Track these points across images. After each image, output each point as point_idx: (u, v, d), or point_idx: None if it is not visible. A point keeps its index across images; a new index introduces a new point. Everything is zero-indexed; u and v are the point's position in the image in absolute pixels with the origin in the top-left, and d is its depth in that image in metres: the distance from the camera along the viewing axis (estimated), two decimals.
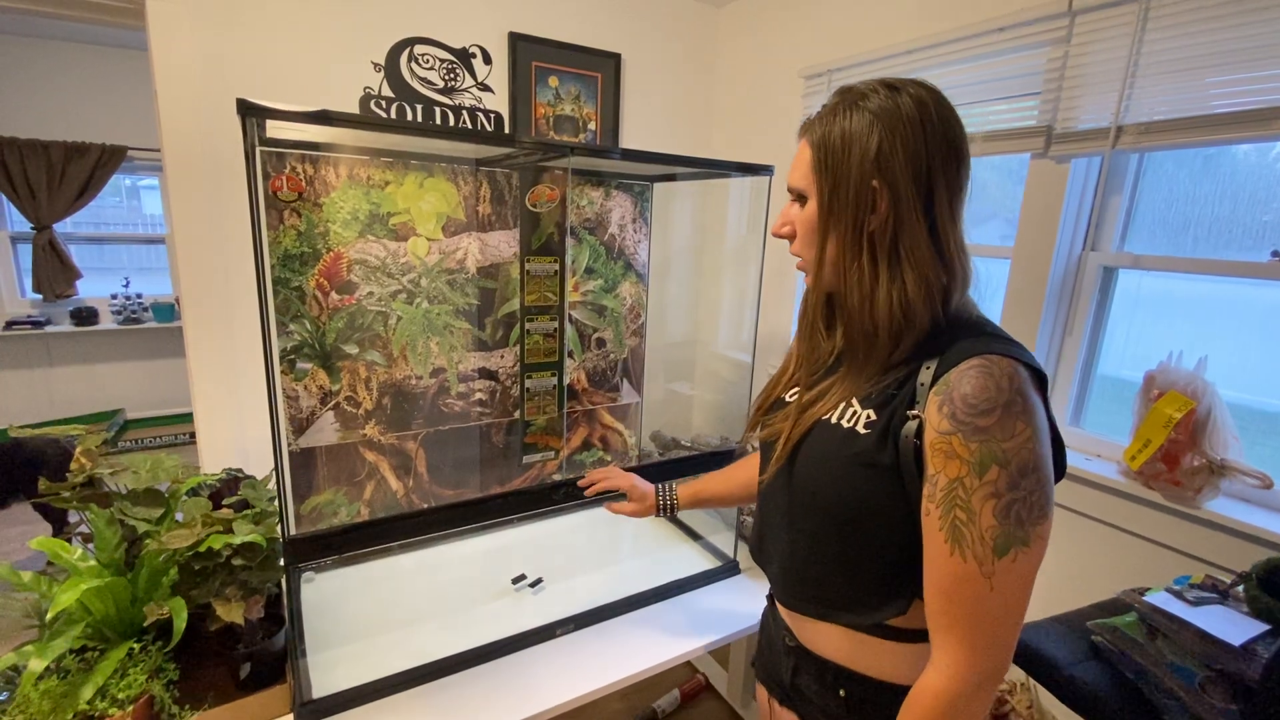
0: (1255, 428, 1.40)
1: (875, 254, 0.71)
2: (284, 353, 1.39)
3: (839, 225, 0.72)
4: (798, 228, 0.79)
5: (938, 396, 0.67)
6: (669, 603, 1.39)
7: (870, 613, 0.76)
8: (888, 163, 0.69)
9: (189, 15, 1.72)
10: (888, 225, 0.70)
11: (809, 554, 0.81)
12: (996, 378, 0.64)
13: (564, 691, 1.11)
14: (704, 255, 2.26)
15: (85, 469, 1.10)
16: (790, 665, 0.89)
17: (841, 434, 0.75)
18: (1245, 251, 1.39)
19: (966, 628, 0.65)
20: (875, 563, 0.75)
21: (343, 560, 1.46)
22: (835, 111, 0.73)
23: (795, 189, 0.78)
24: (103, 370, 4.05)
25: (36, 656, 0.87)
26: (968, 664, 0.65)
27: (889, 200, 0.69)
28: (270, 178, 1.30)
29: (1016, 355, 0.66)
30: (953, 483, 0.64)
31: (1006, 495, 0.62)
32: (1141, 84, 1.40)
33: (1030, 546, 0.63)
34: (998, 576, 0.63)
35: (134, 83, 3.71)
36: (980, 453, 0.62)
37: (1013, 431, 0.62)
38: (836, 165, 0.71)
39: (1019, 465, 0.62)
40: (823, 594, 0.80)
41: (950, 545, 0.64)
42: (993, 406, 0.63)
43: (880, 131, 0.69)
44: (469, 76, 2.16)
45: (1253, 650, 0.90)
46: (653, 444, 2.05)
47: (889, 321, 0.71)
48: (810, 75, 2.21)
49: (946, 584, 0.65)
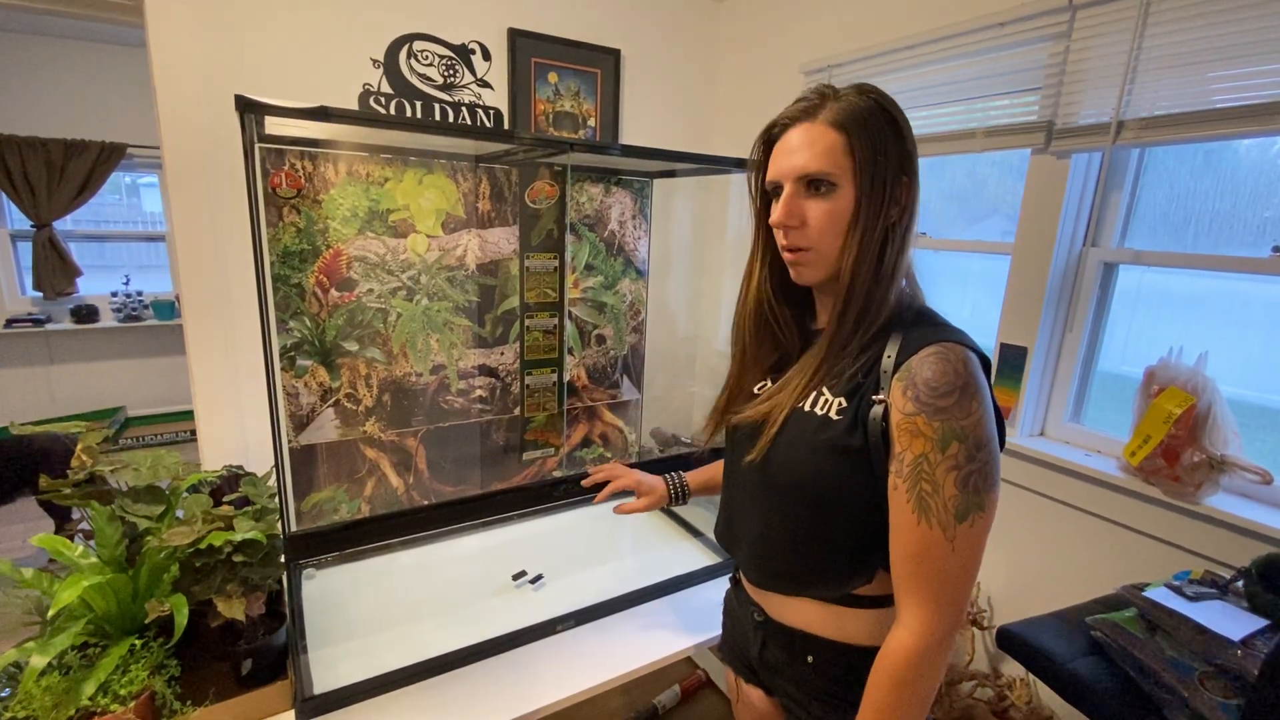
0: (1255, 423, 1.40)
1: (893, 244, 0.76)
2: (284, 350, 1.39)
3: (874, 214, 0.74)
4: (821, 218, 0.76)
5: (901, 382, 0.72)
6: (669, 599, 1.39)
7: (840, 585, 0.82)
8: (910, 157, 0.75)
9: (188, 11, 1.72)
10: (904, 216, 0.76)
11: (782, 534, 0.85)
12: (953, 363, 0.70)
13: (564, 687, 1.11)
14: (704, 251, 2.26)
15: (86, 466, 1.10)
16: (759, 639, 0.94)
17: (816, 421, 0.80)
18: (1246, 247, 1.38)
19: (933, 588, 0.71)
20: (846, 538, 0.80)
21: (343, 557, 1.46)
22: (845, 101, 0.75)
23: (821, 175, 0.75)
24: (103, 368, 4.05)
25: (38, 653, 0.88)
26: (935, 620, 0.71)
27: (909, 194, 0.75)
28: (270, 174, 1.30)
29: (966, 342, 0.73)
30: (918, 458, 0.70)
31: (965, 467, 0.69)
32: (1142, 79, 1.39)
33: (985, 511, 0.70)
34: (959, 540, 0.70)
35: (133, 79, 3.70)
36: (942, 430, 0.69)
37: (969, 411, 0.69)
38: (877, 153, 0.73)
39: (975, 440, 0.69)
40: (795, 571, 0.85)
41: (917, 515, 0.70)
42: (951, 389, 0.69)
43: (899, 126, 0.75)
44: (468, 73, 2.15)
45: (1252, 645, 0.90)
46: (653, 440, 2.05)
47: (881, 307, 0.77)
48: (810, 71, 2.20)
49: (914, 550, 0.71)
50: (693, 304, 2.29)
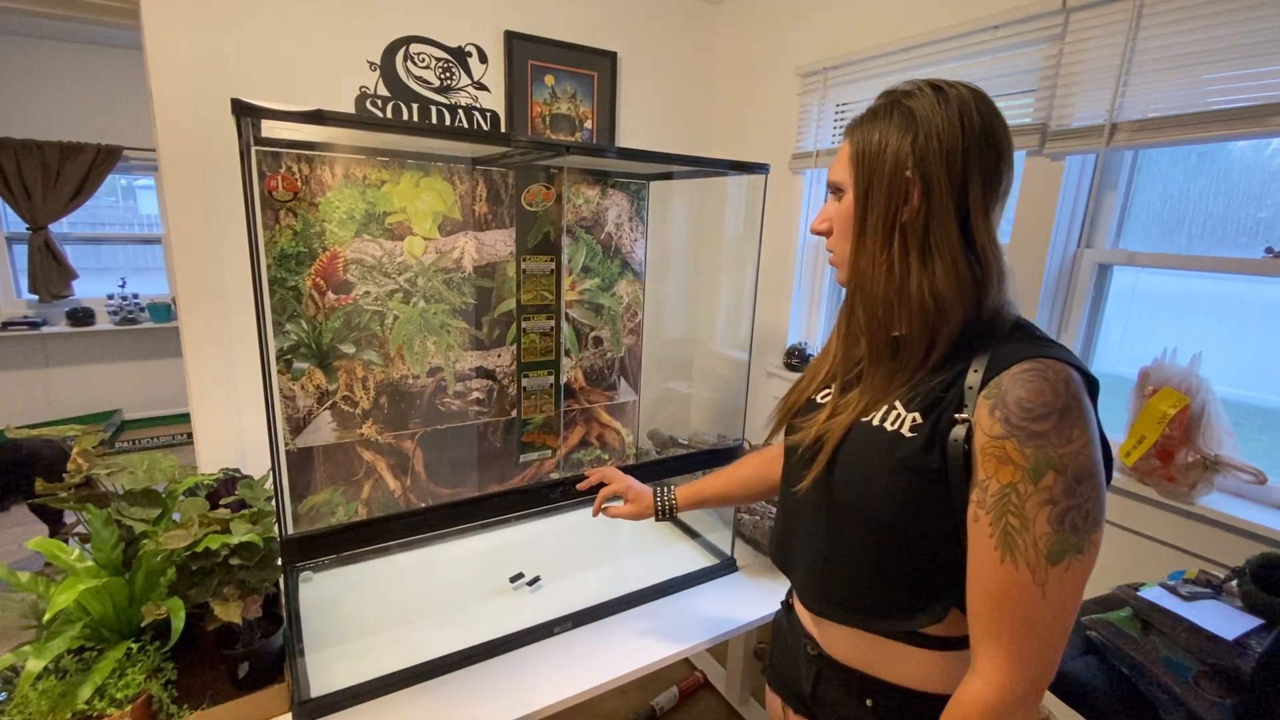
0: (1249, 423, 1.41)
1: (906, 244, 0.71)
2: (281, 352, 1.39)
3: (873, 215, 0.73)
4: (835, 222, 0.79)
5: (988, 400, 0.65)
6: (667, 600, 1.39)
7: (904, 620, 0.74)
8: (922, 154, 0.69)
9: (184, 15, 1.72)
10: (919, 216, 0.70)
11: (842, 560, 0.78)
12: (1052, 382, 0.63)
13: (562, 689, 1.11)
14: (701, 253, 2.26)
15: (82, 469, 1.10)
16: (812, 674, 0.86)
17: (885, 438, 0.73)
18: (1240, 248, 1.39)
19: (1015, 636, 0.63)
20: (913, 569, 0.73)
21: (340, 559, 1.46)
22: (878, 110, 0.74)
23: (834, 183, 0.79)
24: (99, 371, 4.04)
25: (34, 657, 0.87)
26: (1015, 674, 0.63)
27: (921, 191, 0.70)
28: (266, 177, 1.30)
29: (1069, 360, 0.65)
30: (1005, 488, 0.62)
31: (1062, 502, 0.61)
32: (1136, 81, 1.40)
33: (1084, 555, 0.62)
34: (1050, 585, 0.61)
35: (129, 82, 3.70)
36: (1035, 458, 0.61)
37: (1069, 437, 0.61)
38: (872, 158, 0.72)
39: (1075, 472, 0.61)
40: (854, 600, 0.77)
41: (1001, 552, 0.63)
42: (1049, 411, 0.62)
43: (918, 125, 0.70)
44: (465, 75, 2.15)
45: (1246, 644, 0.90)
46: (650, 442, 2.05)
47: (920, 314, 0.70)
48: (807, 73, 2.21)
49: (996, 591, 0.63)
50: (690, 306, 2.30)
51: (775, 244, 2.43)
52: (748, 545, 1.61)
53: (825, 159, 2.20)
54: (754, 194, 1.66)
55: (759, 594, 1.43)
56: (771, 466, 1.07)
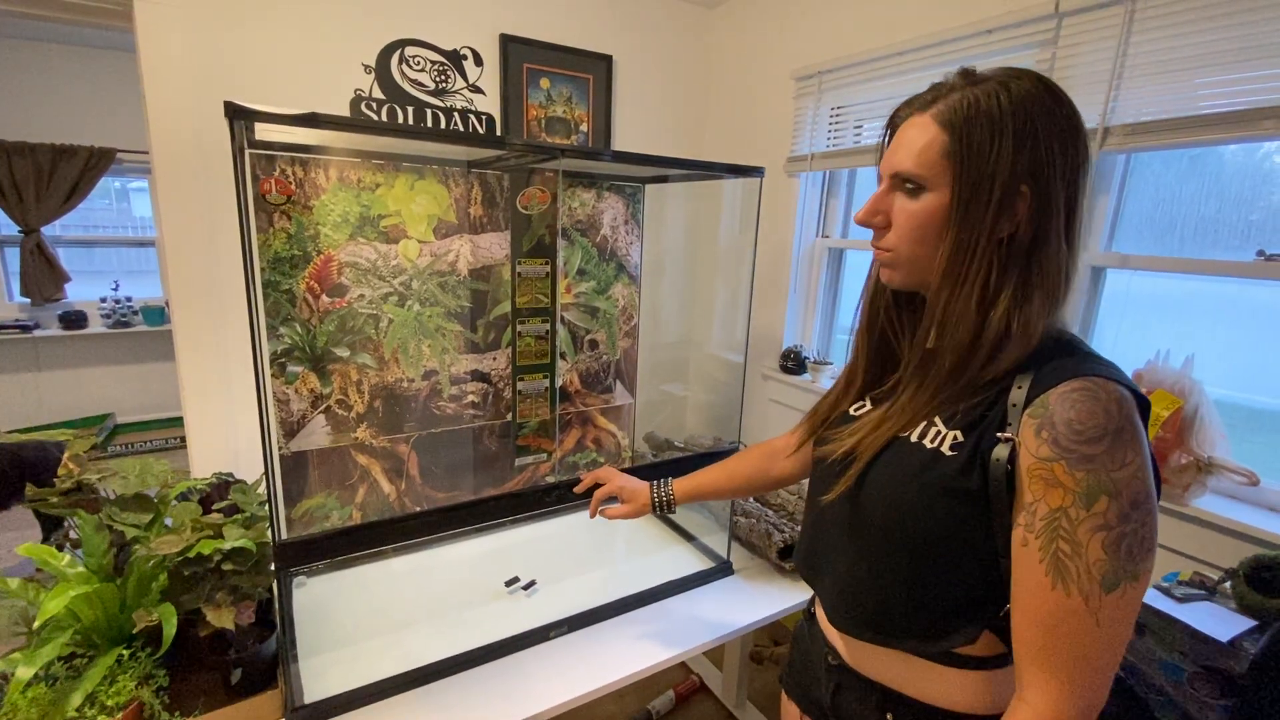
0: (1242, 425, 1.41)
1: (1006, 264, 0.65)
2: (274, 356, 1.38)
3: (971, 226, 0.65)
4: (902, 220, 0.70)
5: (1034, 419, 0.62)
6: (663, 604, 1.39)
7: (936, 642, 0.71)
8: (1042, 166, 0.63)
9: (177, 17, 1.71)
10: (1025, 235, 0.64)
11: (872, 578, 0.75)
12: (1104, 403, 0.59)
13: (558, 693, 1.11)
14: (696, 256, 2.26)
15: (73, 474, 1.09)
16: (831, 685, 0.85)
17: (924, 455, 0.69)
18: (1232, 251, 1.40)
19: (1067, 664, 0.60)
20: (948, 591, 0.70)
21: (334, 564, 1.46)
22: (968, 93, 0.65)
23: (908, 175, 0.68)
24: (92, 374, 4.02)
25: (24, 664, 0.87)
26: (1066, 704, 0.60)
27: (1033, 208, 0.64)
28: (260, 180, 1.29)
29: (1119, 378, 0.62)
30: (1055, 512, 0.60)
31: (1117, 528, 0.58)
32: (1128, 85, 1.41)
33: (1139, 581, 0.59)
34: (1105, 612, 0.59)
35: (122, 84, 3.68)
36: (1088, 482, 0.58)
37: (1123, 461, 0.58)
38: (982, 158, 0.63)
39: (1130, 497, 0.58)
40: (884, 623, 0.75)
41: (1052, 578, 0.60)
42: (1102, 434, 0.59)
43: (1034, 126, 0.62)
44: (460, 78, 2.15)
45: (1240, 646, 0.91)
46: (646, 445, 2.05)
47: (996, 337, 0.65)
48: (801, 77, 2.21)
49: (1046, 619, 0.61)
50: (685, 309, 2.30)
51: (771, 247, 2.44)
52: (744, 549, 1.61)
53: (821, 162, 2.20)
54: (749, 197, 1.66)
55: (755, 597, 1.42)
56: (771, 462, 1.07)
